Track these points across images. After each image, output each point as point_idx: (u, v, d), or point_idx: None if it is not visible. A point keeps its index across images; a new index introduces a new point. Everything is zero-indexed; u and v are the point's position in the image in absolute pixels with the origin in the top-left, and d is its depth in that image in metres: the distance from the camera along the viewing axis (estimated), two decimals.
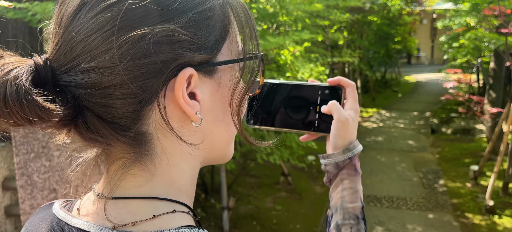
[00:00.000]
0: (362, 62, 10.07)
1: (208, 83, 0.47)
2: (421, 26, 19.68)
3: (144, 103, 0.44)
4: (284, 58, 4.05)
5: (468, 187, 5.11)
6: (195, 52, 0.45)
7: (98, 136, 0.45)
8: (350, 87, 0.74)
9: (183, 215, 0.48)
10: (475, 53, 6.29)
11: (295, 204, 4.69)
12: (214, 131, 0.50)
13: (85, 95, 0.44)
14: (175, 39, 0.43)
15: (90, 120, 0.45)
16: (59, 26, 0.45)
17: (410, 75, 16.90)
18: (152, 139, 0.47)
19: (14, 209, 2.99)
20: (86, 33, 0.42)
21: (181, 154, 0.49)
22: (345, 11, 6.28)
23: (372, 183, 5.31)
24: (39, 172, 2.29)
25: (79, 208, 0.51)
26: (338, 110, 0.72)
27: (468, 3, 5.82)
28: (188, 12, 0.44)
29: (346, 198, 0.71)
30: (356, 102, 0.74)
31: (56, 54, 0.44)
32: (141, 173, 0.47)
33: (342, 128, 0.71)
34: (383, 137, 7.62)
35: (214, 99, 0.49)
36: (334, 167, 0.72)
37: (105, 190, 0.49)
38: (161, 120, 0.46)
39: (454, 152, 6.50)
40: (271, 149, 3.99)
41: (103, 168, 0.52)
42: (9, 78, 0.40)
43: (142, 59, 0.43)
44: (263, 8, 3.94)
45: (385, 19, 10.83)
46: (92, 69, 0.43)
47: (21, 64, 0.42)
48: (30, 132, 2.27)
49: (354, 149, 0.72)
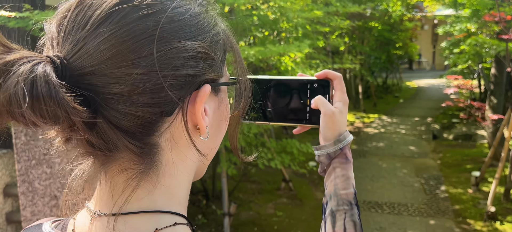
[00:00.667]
0: (363, 68, 10.08)
1: (213, 100, 0.51)
2: (422, 31, 19.70)
3: (166, 113, 0.45)
4: (285, 65, 4.07)
5: (469, 193, 5.09)
6: (212, 70, 0.48)
7: (108, 144, 0.44)
8: (337, 79, 0.76)
9: (184, 227, 0.48)
10: (476, 59, 6.30)
11: (296, 210, 4.68)
12: (210, 146, 0.53)
13: (109, 100, 0.42)
14: (203, 56, 0.46)
15: (102, 126, 0.43)
16: (83, 27, 0.42)
17: (411, 81, 16.89)
18: (161, 151, 0.47)
19: (15, 215, 3.00)
20: (121, 38, 0.42)
21: (183, 166, 0.49)
22: (346, 17, 6.30)
23: (373, 189, 5.30)
24: (40, 179, 2.30)
25: (74, 229, 0.49)
26: (324, 104, 0.74)
27: (469, 9, 5.83)
28: (209, 32, 0.48)
29: (339, 185, 0.73)
30: (344, 93, 0.76)
31: (77, 54, 0.42)
32: (144, 184, 0.46)
33: (329, 121, 0.74)
34: (384, 142, 7.62)
35: (214, 117, 0.51)
36: (326, 157, 0.75)
37: (107, 206, 0.47)
38: (173, 132, 0.47)
39: (455, 158, 6.49)
40: (272, 154, 4.00)
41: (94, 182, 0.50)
42: (38, 73, 0.37)
43: (177, 71, 0.44)
44: (264, 15, 3.96)
45: (386, 25, 10.85)
46: (125, 75, 0.42)
47: (41, 58, 0.39)
48: (32, 139, 2.29)
49: (344, 140, 0.74)
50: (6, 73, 0.37)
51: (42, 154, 2.26)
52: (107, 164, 0.46)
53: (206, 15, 0.49)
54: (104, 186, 0.48)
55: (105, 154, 0.45)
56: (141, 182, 0.46)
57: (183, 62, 0.44)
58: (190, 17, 0.46)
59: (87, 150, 0.45)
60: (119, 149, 0.44)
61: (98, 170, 0.48)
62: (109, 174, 0.47)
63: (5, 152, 2.97)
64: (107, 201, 0.47)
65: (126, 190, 0.46)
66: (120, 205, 0.46)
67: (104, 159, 0.46)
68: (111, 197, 0.47)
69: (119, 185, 0.46)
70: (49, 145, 1.96)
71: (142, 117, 0.43)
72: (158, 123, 0.45)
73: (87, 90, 0.41)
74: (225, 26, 0.52)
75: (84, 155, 0.47)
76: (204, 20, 0.48)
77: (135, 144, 0.44)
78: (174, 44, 0.44)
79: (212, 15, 0.50)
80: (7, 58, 0.38)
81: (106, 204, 0.47)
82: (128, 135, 0.44)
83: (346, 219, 0.70)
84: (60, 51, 0.43)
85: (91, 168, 0.49)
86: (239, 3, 3.29)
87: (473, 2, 5.47)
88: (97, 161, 0.47)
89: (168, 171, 0.48)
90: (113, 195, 0.47)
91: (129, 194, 0.46)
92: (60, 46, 0.43)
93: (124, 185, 0.46)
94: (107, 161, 0.46)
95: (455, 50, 7.38)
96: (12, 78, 0.37)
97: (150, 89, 0.43)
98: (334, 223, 0.70)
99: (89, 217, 0.48)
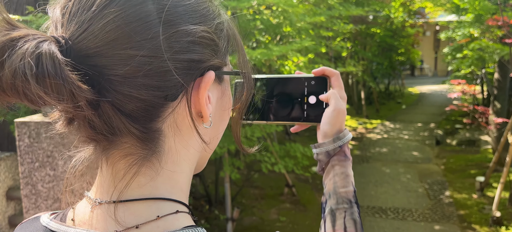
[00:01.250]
0: (365, 73, 10.08)
1: (217, 89, 0.50)
2: (424, 38, 19.72)
3: (170, 98, 0.44)
4: (287, 69, 4.06)
5: (474, 198, 5.06)
6: (216, 57, 0.48)
7: (110, 128, 0.43)
8: (335, 76, 0.75)
9: (186, 216, 0.47)
10: (479, 63, 6.29)
11: (300, 215, 4.65)
12: (213, 135, 0.53)
13: (113, 82, 0.42)
14: (208, 42, 0.46)
15: (105, 109, 0.42)
16: (88, 8, 0.42)
17: (413, 87, 16.88)
18: (163, 137, 0.46)
19: (18, 219, 2.99)
20: (127, 20, 0.41)
21: (185, 154, 0.49)
22: (348, 21, 6.31)
23: (377, 194, 5.27)
24: (44, 182, 2.29)
25: (74, 218, 0.48)
26: (336, 99, 0.73)
27: (472, 14, 5.83)
28: (214, 20, 0.48)
29: (338, 183, 0.72)
30: (342, 89, 0.75)
31: (82, 35, 0.41)
32: (146, 171, 0.46)
33: (336, 116, 0.73)
34: (388, 148, 7.59)
35: (217, 106, 0.51)
36: (325, 155, 0.74)
37: (108, 194, 0.46)
38: (176, 118, 0.46)
39: (459, 163, 6.45)
40: (276, 159, 3.98)
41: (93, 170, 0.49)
42: (43, 49, 0.37)
43: (182, 55, 0.44)
44: (266, 19, 3.97)
45: (388, 31, 10.87)
46: (130, 56, 0.41)
47: (44, 37, 0.39)
48: (35, 142, 2.28)
49: (344, 138, 0.73)
50: (11, 48, 0.37)
51: (46, 156, 2.25)
52: (109, 149, 0.46)
53: (210, 4, 0.49)
54: (105, 173, 0.47)
55: (107, 138, 0.44)
56: (143, 168, 0.45)
57: (188, 47, 0.44)
58: (195, 2, 0.46)
59: (88, 134, 0.45)
60: (121, 133, 0.44)
61: (99, 157, 0.47)
62: (111, 160, 0.46)
63: (8, 155, 2.97)
64: (108, 188, 0.46)
65: (126, 175, 0.45)
66: (121, 191, 0.45)
67: (105, 144, 0.45)
68: (112, 183, 0.46)
69: (120, 171, 0.45)
70: (53, 147, 1.94)
71: (146, 100, 0.43)
72: (161, 108, 0.44)
73: (91, 71, 0.41)
74: (228, 18, 0.52)
75: (86, 141, 0.46)
76: (209, 7, 0.48)
77: (138, 128, 0.44)
78: (180, 27, 0.43)
79: (216, 5, 0.50)
80: (12, 34, 0.38)
81: (107, 192, 0.46)
82: (131, 119, 0.43)
83: (346, 218, 0.69)
84: (65, 32, 0.42)
85: (92, 155, 0.48)
86: (242, 7, 3.30)
87: (476, 7, 5.47)
88: (99, 146, 0.46)
89: (171, 158, 0.47)
90: (114, 181, 0.46)
91: (129, 179, 0.45)
92: (65, 28, 0.43)
93: (125, 171, 0.45)
94: (108, 147, 0.45)
95: (457, 55, 7.37)
96: (18, 53, 0.36)
97: (154, 72, 0.42)
98: (334, 222, 0.69)
99: (89, 206, 0.47)
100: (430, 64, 22.58)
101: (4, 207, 2.94)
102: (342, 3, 5.71)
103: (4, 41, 0.37)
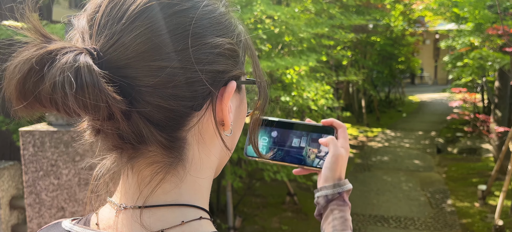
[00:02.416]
0: (366, 82, 10.10)
1: (236, 98, 0.52)
2: (424, 46, 19.78)
3: (196, 107, 0.46)
4: (289, 78, 4.08)
5: (476, 207, 5.04)
6: (237, 68, 0.49)
7: (138, 137, 0.44)
8: (342, 129, 0.81)
9: (208, 222, 0.49)
10: (479, 72, 6.31)
11: (302, 224, 4.63)
12: (231, 143, 0.54)
13: (143, 93, 0.43)
14: (230, 53, 0.48)
15: (135, 118, 0.43)
16: (118, 21, 0.43)
17: (414, 95, 16.90)
18: (188, 145, 0.47)
19: (21, 228, 2.98)
20: (156, 32, 0.42)
21: (207, 161, 0.50)
22: (350, 30, 6.34)
23: (379, 203, 5.25)
24: (48, 190, 2.29)
25: (98, 223, 0.49)
26: (335, 145, 0.78)
27: (472, 23, 5.86)
28: (235, 31, 0.50)
29: (337, 227, 0.73)
30: (346, 142, 0.80)
31: (113, 46, 0.43)
32: (171, 178, 0.47)
33: (335, 162, 0.76)
34: (389, 156, 7.58)
35: (236, 114, 0.53)
36: (324, 200, 0.76)
37: (133, 199, 0.47)
38: (200, 127, 0.48)
39: (461, 172, 6.44)
40: (277, 167, 3.98)
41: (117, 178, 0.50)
42: (81, 62, 0.38)
43: (209, 66, 0.45)
44: (268, 29, 3.99)
45: (389, 39, 10.92)
46: (160, 68, 0.42)
47: (79, 49, 0.40)
48: (39, 150, 2.28)
49: (344, 186, 0.76)
50: (50, 62, 0.38)
51: (50, 165, 2.25)
52: (135, 158, 0.46)
53: (230, 15, 0.51)
54: (131, 180, 0.48)
55: (134, 147, 0.45)
56: (168, 176, 0.47)
57: (214, 58, 0.46)
58: (219, 15, 0.48)
59: (115, 143, 0.45)
60: (148, 142, 0.45)
61: (125, 165, 0.47)
62: (136, 167, 0.47)
63: (12, 164, 2.97)
64: (133, 194, 0.47)
65: (152, 182, 0.46)
66: (147, 197, 0.46)
67: (132, 153, 0.46)
68: (138, 190, 0.47)
69: (146, 178, 0.47)
70: (57, 156, 1.95)
71: (174, 110, 0.44)
72: (188, 117, 0.46)
73: (123, 82, 0.42)
74: (243, 28, 0.54)
75: (111, 149, 0.47)
76: (230, 19, 0.50)
77: (165, 137, 0.45)
78: (207, 39, 0.45)
79: (233, 16, 0.52)
80: (50, 47, 0.38)
81: (132, 197, 0.47)
82: (158, 128, 0.44)
83: None
84: (95, 44, 0.43)
85: (114, 163, 0.49)
86: (245, 17, 3.32)
87: (476, 16, 5.51)
88: (124, 154, 0.47)
89: (194, 165, 0.48)
90: (139, 188, 0.47)
91: (155, 186, 0.46)
92: (94, 39, 0.43)
93: (151, 177, 0.46)
94: (134, 155, 0.46)
95: (458, 64, 7.39)
96: (57, 67, 0.37)
97: (183, 83, 0.43)
98: None
99: (113, 211, 0.48)
100: (430, 72, 22.62)
101: (7, 216, 2.94)
102: (343, 12, 5.75)
103: (42, 54, 0.38)
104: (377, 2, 8.64)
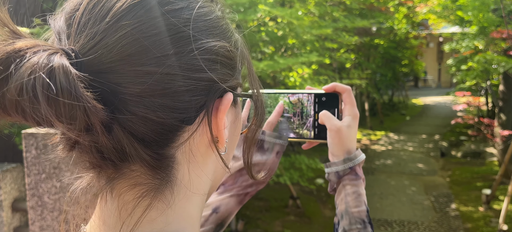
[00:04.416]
0: (369, 85, 10.08)
1: (231, 112, 0.46)
2: (427, 49, 19.74)
3: (187, 121, 0.40)
4: (293, 80, 4.07)
5: (481, 211, 5.01)
6: (233, 78, 0.44)
7: (121, 154, 0.38)
8: (347, 92, 0.73)
9: None
10: (484, 76, 6.28)
11: (305, 228, 4.61)
12: (226, 162, 0.49)
13: (127, 102, 0.37)
14: (227, 61, 0.43)
15: (116, 132, 0.37)
16: (101, 19, 0.37)
17: (417, 98, 16.85)
18: (177, 165, 0.41)
19: (24, 230, 2.98)
20: (146, 33, 0.37)
21: (199, 183, 0.44)
22: (353, 33, 6.33)
23: (382, 207, 5.22)
24: (50, 193, 2.29)
25: None
26: (329, 119, 0.72)
27: (476, 26, 5.84)
28: (231, 38, 0.45)
29: (350, 203, 0.69)
30: (353, 106, 0.73)
31: (94, 48, 0.36)
32: (157, 204, 0.41)
33: (336, 136, 0.71)
34: (392, 160, 7.55)
35: (231, 129, 0.47)
36: (335, 175, 0.72)
37: (113, 230, 0.40)
38: (191, 143, 0.42)
39: (465, 176, 6.40)
40: (280, 170, 3.96)
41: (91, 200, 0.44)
42: (54, 63, 0.32)
43: (203, 73, 0.40)
44: (271, 31, 3.99)
45: (392, 42, 10.90)
46: (147, 73, 0.37)
47: (54, 49, 0.34)
48: (42, 153, 2.28)
49: (355, 159, 0.71)
50: (18, 61, 0.31)
51: (52, 168, 2.25)
52: (115, 179, 0.40)
53: (226, 21, 0.46)
54: (110, 206, 0.41)
55: (114, 165, 0.39)
56: (154, 201, 0.40)
57: (210, 65, 0.40)
58: (215, 18, 0.43)
59: (93, 160, 0.39)
60: (131, 159, 0.38)
61: (103, 187, 0.41)
62: (117, 191, 0.41)
63: (14, 167, 2.97)
64: (115, 225, 0.41)
65: (136, 209, 0.40)
66: (131, 228, 0.40)
67: (111, 172, 0.40)
68: (119, 219, 0.40)
69: (128, 204, 0.40)
70: (60, 158, 1.96)
71: (162, 123, 0.38)
72: (177, 132, 0.40)
73: (104, 89, 0.36)
74: (239, 36, 0.49)
75: (88, 168, 0.40)
76: (226, 25, 0.45)
77: (150, 154, 0.39)
78: (202, 44, 0.40)
79: (229, 23, 0.47)
80: (18, 44, 0.32)
81: (114, 228, 0.41)
82: (143, 144, 0.38)
83: None
84: (73, 45, 0.37)
85: (90, 184, 0.42)
86: (248, 19, 3.32)
87: (480, 19, 5.48)
88: (103, 174, 0.41)
89: (183, 188, 0.42)
90: (121, 216, 0.40)
91: (141, 215, 0.40)
92: (72, 40, 0.37)
93: (134, 204, 0.40)
94: (115, 175, 0.40)
95: (462, 67, 7.36)
96: (26, 66, 0.31)
97: (173, 91, 0.38)
98: None
99: None
100: (433, 75, 22.55)
101: (9, 219, 2.94)
102: (347, 15, 5.74)
103: (8, 52, 0.31)
104: (380, 5, 8.63)
